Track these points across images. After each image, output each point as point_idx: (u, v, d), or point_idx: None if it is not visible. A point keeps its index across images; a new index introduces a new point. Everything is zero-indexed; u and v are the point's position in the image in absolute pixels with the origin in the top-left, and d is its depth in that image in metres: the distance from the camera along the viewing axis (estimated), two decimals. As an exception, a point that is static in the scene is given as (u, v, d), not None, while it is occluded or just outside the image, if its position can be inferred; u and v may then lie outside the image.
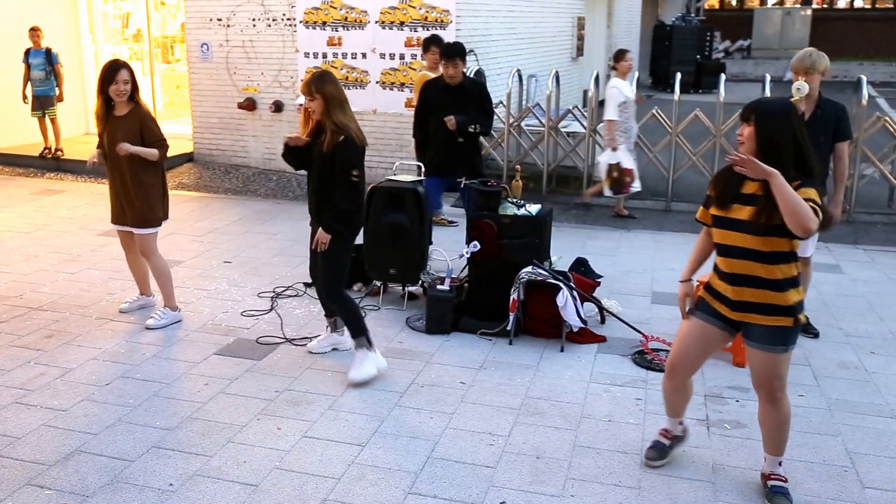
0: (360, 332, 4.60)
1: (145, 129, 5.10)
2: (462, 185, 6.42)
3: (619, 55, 8.24)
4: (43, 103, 10.60)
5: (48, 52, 10.52)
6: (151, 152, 5.10)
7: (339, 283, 4.61)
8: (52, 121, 10.73)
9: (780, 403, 3.40)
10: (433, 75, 7.12)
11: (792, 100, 4.80)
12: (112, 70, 5.02)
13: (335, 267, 4.56)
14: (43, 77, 10.52)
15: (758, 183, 3.18)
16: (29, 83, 10.54)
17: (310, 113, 4.43)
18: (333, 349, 4.96)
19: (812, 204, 3.03)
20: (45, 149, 10.81)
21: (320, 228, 4.44)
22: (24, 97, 10.61)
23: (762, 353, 3.31)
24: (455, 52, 6.16)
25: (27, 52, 10.47)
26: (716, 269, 3.41)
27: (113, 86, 5.00)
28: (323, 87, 4.32)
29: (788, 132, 3.15)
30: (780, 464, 3.52)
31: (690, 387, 3.70)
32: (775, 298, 3.23)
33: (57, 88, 10.67)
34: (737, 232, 3.23)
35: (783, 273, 3.22)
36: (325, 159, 4.39)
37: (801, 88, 4.77)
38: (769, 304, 3.24)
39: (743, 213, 3.21)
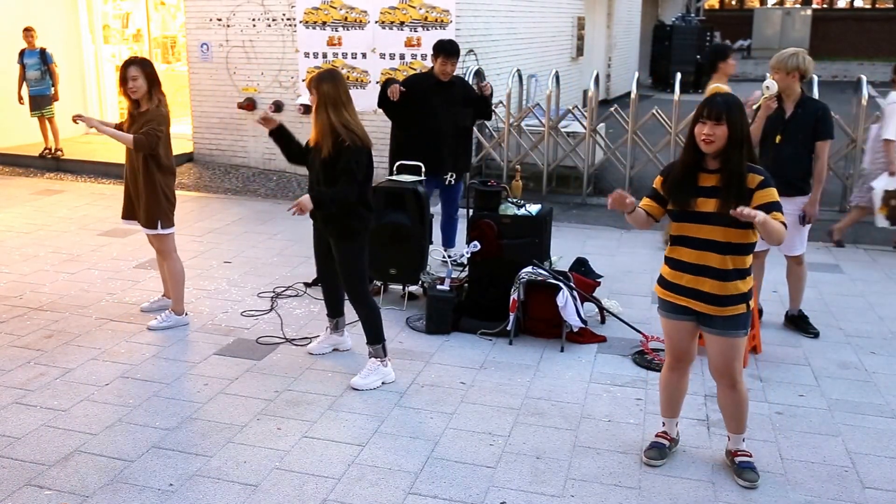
0: (377, 340, 4.58)
1: (147, 122, 5.00)
2: (447, 182, 6.40)
3: None
4: (39, 103, 10.59)
5: (42, 52, 10.52)
6: (125, 137, 4.95)
7: (362, 286, 4.55)
8: (49, 120, 10.72)
9: (739, 387, 3.58)
10: (726, 87, 6.86)
11: (763, 98, 4.81)
12: (122, 68, 5.04)
13: (353, 271, 4.50)
14: (38, 77, 10.51)
15: (716, 175, 3.33)
16: (25, 84, 10.55)
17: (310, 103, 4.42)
18: (334, 349, 4.96)
19: (779, 215, 3.23)
20: (46, 149, 10.81)
21: (307, 197, 4.29)
22: (20, 98, 10.61)
23: (725, 339, 3.47)
24: (456, 52, 6.18)
25: (22, 53, 10.48)
26: (680, 265, 3.47)
27: (124, 85, 5.02)
28: (320, 84, 4.25)
29: (747, 124, 3.33)
30: (743, 440, 3.70)
31: (688, 379, 3.80)
32: (727, 289, 3.39)
33: (52, 88, 10.67)
34: (710, 225, 3.35)
35: (739, 264, 3.39)
36: (325, 162, 4.29)
37: (769, 87, 4.78)
38: (723, 296, 3.39)
39: (709, 205, 3.33)
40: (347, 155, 4.24)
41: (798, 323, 5.36)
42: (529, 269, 5.10)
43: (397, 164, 6.19)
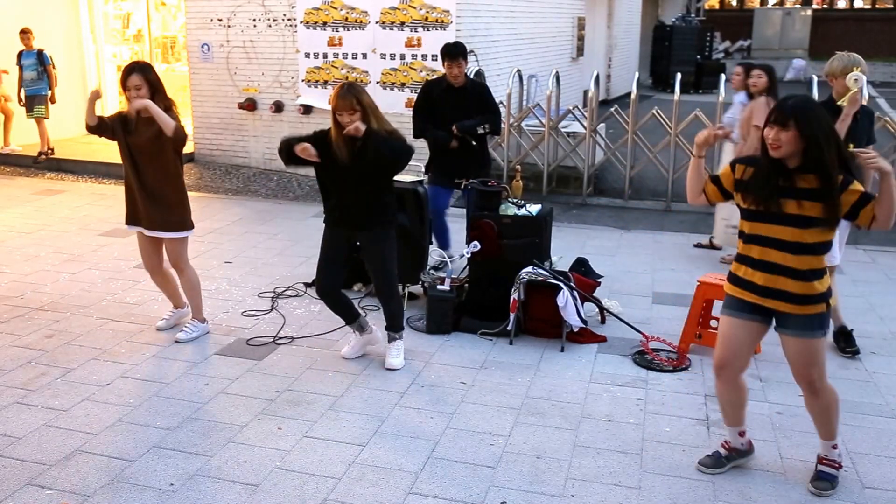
0: (402, 327, 4.85)
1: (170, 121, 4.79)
2: (464, 186, 6.37)
3: None
4: (31, 103, 10.52)
5: (40, 53, 10.49)
6: (167, 120, 4.68)
7: (396, 278, 4.81)
8: (38, 121, 10.57)
9: (822, 393, 3.45)
10: None
11: (851, 93, 4.58)
12: (124, 75, 4.82)
13: (394, 261, 4.70)
14: (34, 77, 10.47)
15: (814, 176, 3.20)
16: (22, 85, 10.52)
17: (344, 125, 4.31)
18: (364, 354, 4.90)
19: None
20: (40, 153, 10.71)
21: (360, 122, 4.31)
22: (20, 100, 10.58)
23: (799, 341, 3.36)
24: (458, 52, 6.10)
25: (20, 55, 10.47)
26: (743, 258, 3.42)
27: (126, 92, 4.79)
28: (361, 96, 4.34)
29: (827, 122, 3.20)
30: (833, 447, 3.58)
31: (745, 386, 3.64)
32: (806, 288, 3.30)
33: (49, 90, 10.61)
34: (788, 226, 3.25)
35: (815, 264, 3.30)
36: (367, 164, 4.37)
37: (857, 79, 4.54)
38: (802, 295, 3.30)
39: (790, 206, 3.23)
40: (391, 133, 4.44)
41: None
42: (530, 269, 5.11)
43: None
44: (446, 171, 6.15)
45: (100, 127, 4.89)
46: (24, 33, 10.43)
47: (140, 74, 4.77)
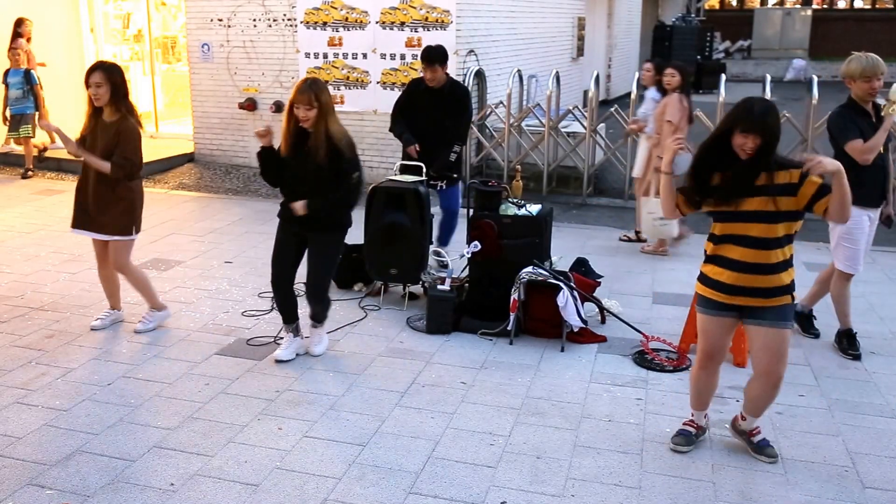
0: (325, 319, 4.94)
1: (120, 143, 4.78)
2: (438, 187, 6.38)
3: None
4: (16, 122, 10.29)
5: (27, 72, 10.24)
6: (102, 165, 4.77)
7: (329, 282, 4.87)
8: (24, 140, 10.36)
9: (780, 386, 3.65)
10: None
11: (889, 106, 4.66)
12: (88, 72, 4.75)
13: (333, 263, 4.82)
14: (19, 96, 10.21)
15: (765, 174, 3.39)
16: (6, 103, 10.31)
17: (299, 121, 4.41)
18: (297, 354, 4.89)
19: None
20: (27, 169, 10.52)
21: (303, 202, 4.49)
22: (4, 119, 10.36)
23: (773, 331, 3.52)
24: (434, 58, 6.09)
25: (6, 73, 10.23)
26: (712, 258, 3.56)
27: (88, 89, 4.74)
28: (321, 93, 4.37)
29: (780, 130, 3.39)
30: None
31: (718, 376, 3.87)
32: (776, 281, 3.46)
33: (36, 110, 10.28)
34: (757, 223, 3.41)
35: (782, 256, 3.46)
36: (320, 168, 4.44)
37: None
38: (772, 287, 3.47)
39: (756, 203, 3.39)
40: (348, 164, 4.49)
41: (801, 321, 5.32)
42: (530, 269, 5.11)
43: (398, 164, 6.19)
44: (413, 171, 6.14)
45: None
46: (13, 51, 10.23)
47: (103, 73, 4.74)
